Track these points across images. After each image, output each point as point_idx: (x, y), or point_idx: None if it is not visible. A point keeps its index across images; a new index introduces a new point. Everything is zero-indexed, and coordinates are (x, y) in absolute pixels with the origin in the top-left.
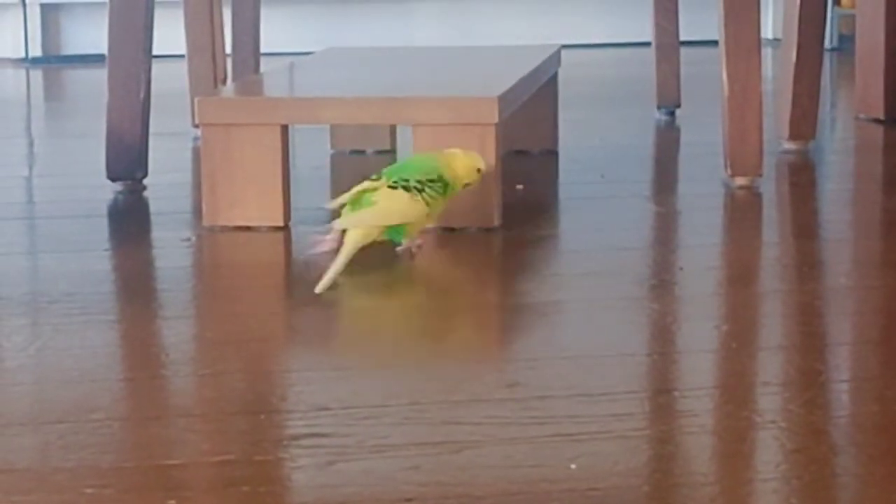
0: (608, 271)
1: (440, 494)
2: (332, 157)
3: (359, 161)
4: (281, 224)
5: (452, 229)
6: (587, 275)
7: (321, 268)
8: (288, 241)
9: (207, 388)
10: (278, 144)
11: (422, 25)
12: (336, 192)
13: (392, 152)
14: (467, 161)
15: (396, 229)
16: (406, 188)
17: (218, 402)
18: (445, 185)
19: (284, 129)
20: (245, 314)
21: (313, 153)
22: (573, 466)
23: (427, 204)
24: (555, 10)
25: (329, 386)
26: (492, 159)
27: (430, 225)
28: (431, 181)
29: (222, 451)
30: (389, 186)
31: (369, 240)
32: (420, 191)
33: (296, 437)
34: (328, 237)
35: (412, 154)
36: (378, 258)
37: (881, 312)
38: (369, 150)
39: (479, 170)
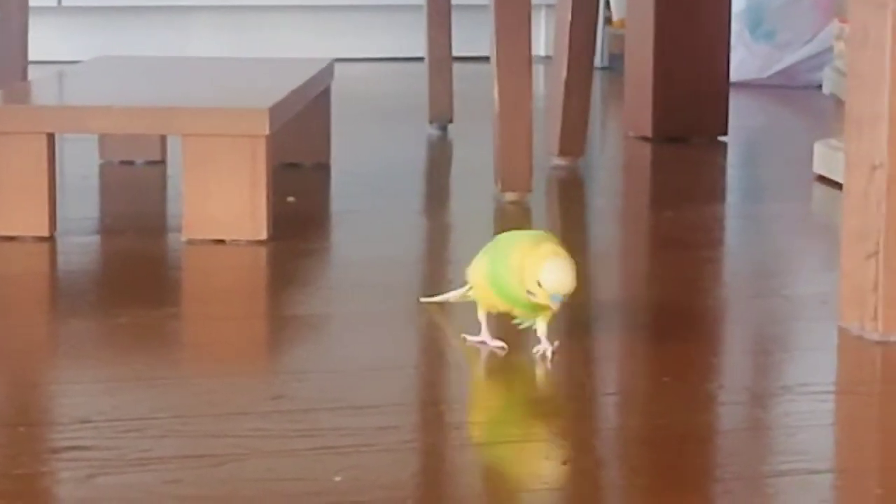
0: (379, 284)
1: None
2: (101, 167)
3: (128, 171)
4: (46, 234)
5: (222, 241)
6: (357, 287)
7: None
8: (53, 252)
9: None
10: (44, 153)
11: (196, 36)
12: (104, 203)
13: (162, 163)
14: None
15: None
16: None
17: None
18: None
19: (51, 137)
20: (7, 325)
21: (82, 163)
22: (337, 479)
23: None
24: (329, 24)
25: (92, 398)
26: (263, 172)
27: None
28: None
29: None
30: None
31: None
32: None
33: (56, 451)
34: None
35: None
36: (151, 275)
37: (647, 328)
38: (139, 161)
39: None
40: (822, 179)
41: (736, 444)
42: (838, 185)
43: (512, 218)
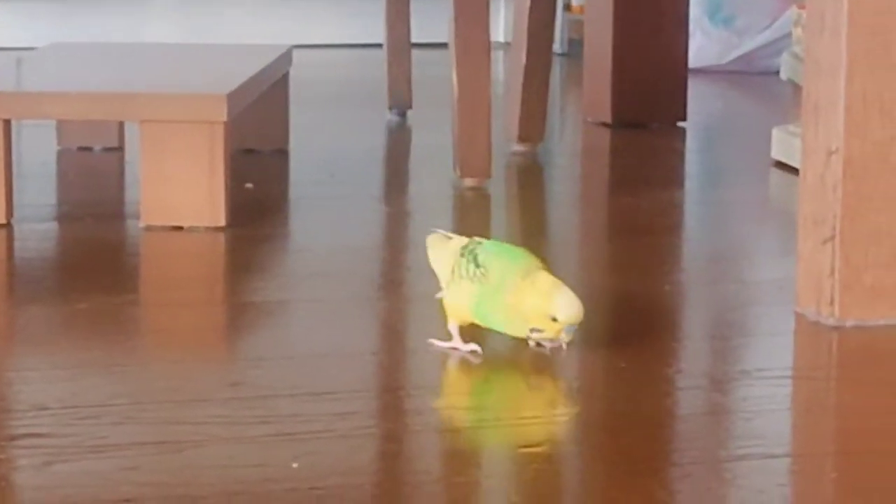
0: (337, 271)
1: (160, 495)
2: (59, 153)
3: (86, 158)
4: (3, 221)
5: (180, 228)
6: (315, 274)
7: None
8: (10, 239)
9: None
10: (1, 140)
11: (153, 22)
12: (62, 190)
13: (120, 149)
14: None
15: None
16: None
17: None
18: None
19: (7, 124)
20: None
21: (39, 149)
22: (295, 465)
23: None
24: (287, 11)
25: (49, 385)
26: (221, 158)
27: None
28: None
29: None
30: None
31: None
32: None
33: (13, 438)
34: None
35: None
36: (109, 261)
37: (606, 313)
38: (97, 147)
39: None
40: (780, 165)
41: (694, 429)
42: (796, 171)
43: (471, 204)
